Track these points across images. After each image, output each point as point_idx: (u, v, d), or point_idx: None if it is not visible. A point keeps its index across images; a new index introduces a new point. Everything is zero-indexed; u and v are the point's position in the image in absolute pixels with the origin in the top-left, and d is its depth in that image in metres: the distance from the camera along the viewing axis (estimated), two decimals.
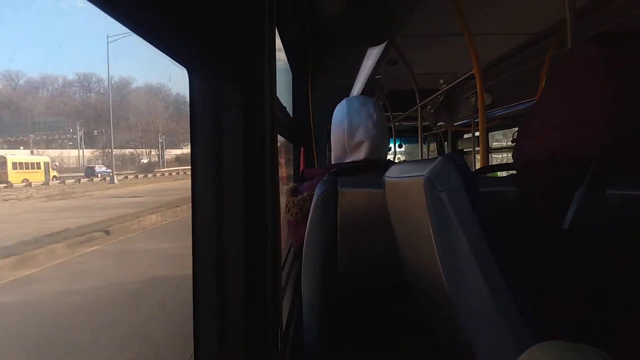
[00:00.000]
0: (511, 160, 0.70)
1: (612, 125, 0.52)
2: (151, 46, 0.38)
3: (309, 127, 2.18)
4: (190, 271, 0.43)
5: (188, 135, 0.45)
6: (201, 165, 0.44)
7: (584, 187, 0.50)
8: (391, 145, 5.77)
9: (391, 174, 0.76)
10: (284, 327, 0.98)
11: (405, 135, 6.05)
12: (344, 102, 1.34)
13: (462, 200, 0.53)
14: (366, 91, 3.73)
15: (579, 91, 0.56)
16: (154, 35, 0.37)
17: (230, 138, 0.44)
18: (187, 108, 0.45)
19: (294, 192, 1.26)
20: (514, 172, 0.73)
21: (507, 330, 0.48)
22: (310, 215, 1.03)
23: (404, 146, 6.42)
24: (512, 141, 0.70)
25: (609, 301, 0.51)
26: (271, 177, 0.47)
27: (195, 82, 0.44)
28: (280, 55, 1.90)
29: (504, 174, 1.07)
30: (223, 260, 0.43)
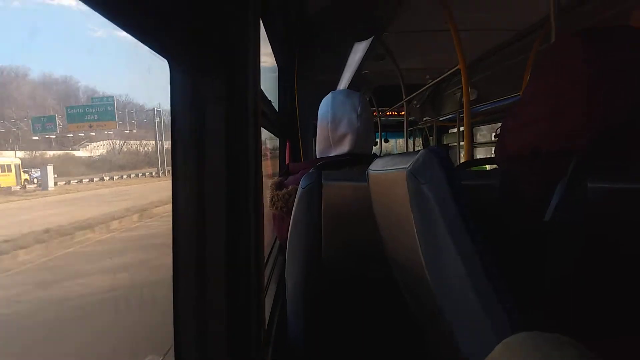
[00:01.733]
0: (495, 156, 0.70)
1: (593, 118, 0.53)
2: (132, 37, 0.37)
3: (295, 122, 2.16)
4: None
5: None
6: (182, 160, 0.43)
7: (566, 180, 0.51)
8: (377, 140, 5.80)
9: (375, 167, 0.76)
10: (267, 322, 0.97)
11: (391, 130, 6.08)
12: (329, 95, 1.34)
13: (444, 192, 0.53)
14: (353, 86, 3.73)
15: (562, 85, 0.56)
16: (134, 25, 0.35)
17: (212, 132, 0.42)
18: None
19: (279, 186, 1.25)
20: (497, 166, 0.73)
21: (487, 320, 0.48)
22: (294, 209, 1.02)
23: (390, 141, 6.45)
24: (495, 136, 0.70)
25: (589, 292, 0.52)
26: (255, 171, 0.46)
27: (176, 74, 0.43)
28: (266, 49, 1.88)
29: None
30: (204, 256, 0.42)
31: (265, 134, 1.99)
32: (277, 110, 2.09)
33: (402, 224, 0.61)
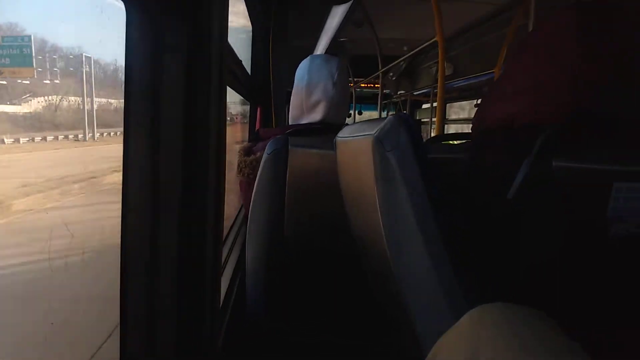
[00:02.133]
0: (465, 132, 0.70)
1: (573, 93, 0.52)
2: None
3: (268, 87, 2.09)
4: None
5: None
6: (135, 115, 0.38)
7: (531, 157, 0.50)
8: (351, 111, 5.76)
9: (343, 134, 0.73)
10: (223, 295, 0.94)
11: (365, 102, 6.05)
12: (307, 59, 1.28)
13: (409, 160, 0.52)
14: (329, 53, 3.65)
15: (545, 57, 0.55)
16: None
17: (171, 85, 0.38)
18: None
19: (247, 152, 1.20)
20: (467, 140, 0.73)
21: (442, 292, 0.48)
22: (258, 174, 0.99)
23: (364, 113, 6.43)
24: (476, 106, 0.69)
25: (549, 269, 0.52)
26: (217, 132, 0.42)
27: (133, 18, 0.38)
28: (240, 7, 1.78)
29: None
30: (157, 227, 0.38)
31: (235, 97, 1.92)
32: (250, 73, 2.01)
33: (366, 192, 0.59)
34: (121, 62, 0.39)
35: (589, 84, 0.51)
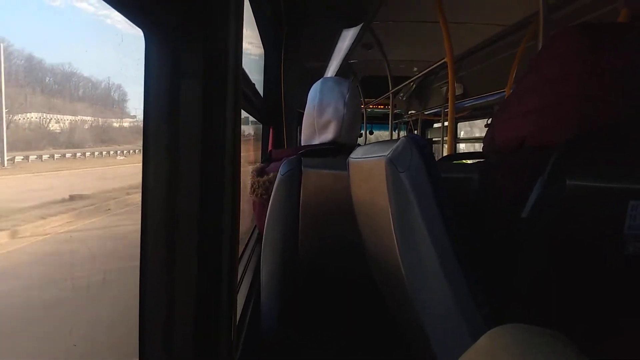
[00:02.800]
0: (477, 151, 0.70)
1: (582, 112, 0.52)
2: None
3: (280, 108, 2.12)
4: None
5: None
6: (154, 139, 0.39)
7: (545, 176, 0.51)
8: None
9: (355, 155, 0.74)
10: (239, 314, 0.94)
11: (377, 122, 6.08)
12: (319, 81, 1.31)
13: (421, 180, 0.52)
14: (340, 75, 3.69)
15: (554, 78, 0.56)
16: None
17: (187, 109, 0.39)
18: None
19: (260, 172, 1.22)
20: (480, 160, 0.73)
21: (459, 313, 0.48)
22: (272, 196, 0.99)
23: (375, 133, 6.45)
24: (486, 126, 0.70)
25: (566, 288, 0.52)
26: (232, 154, 0.43)
27: (151, 45, 0.40)
28: (252, 33, 1.83)
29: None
30: (174, 244, 0.39)
31: (249, 119, 1.95)
32: (262, 95, 2.05)
33: (380, 213, 0.59)
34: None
35: (596, 99, 0.51)
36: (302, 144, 1.33)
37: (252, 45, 2.04)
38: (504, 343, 0.33)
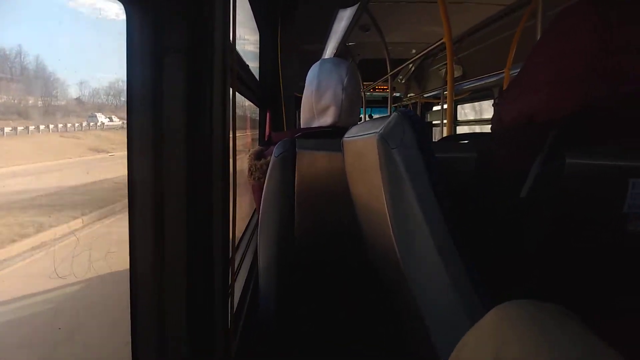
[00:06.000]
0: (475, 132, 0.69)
1: (591, 85, 0.50)
2: None
3: (277, 91, 2.09)
4: None
5: None
6: (137, 120, 0.38)
7: (544, 154, 0.49)
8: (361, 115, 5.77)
9: (349, 134, 0.73)
10: (237, 300, 0.94)
11: (376, 105, 6.04)
12: (317, 63, 1.28)
13: (414, 157, 0.51)
14: (337, 57, 3.65)
15: (564, 51, 0.54)
16: None
17: (172, 88, 0.38)
18: None
19: (257, 155, 1.20)
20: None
21: (455, 293, 0.47)
22: (267, 178, 0.98)
23: (374, 117, 6.41)
24: (494, 105, 0.69)
25: (563, 266, 0.51)
26: (222, 134, 0.41)
27: (132, 20, 0.38)
28: (246, 14, 1.79)
29: None
30: (163, 234, 0.38)
31: (245, 102, 1.93)
32: (259, 78, 2.02)
33: (373, 192, 0.58)
34: None
35: (604, 76, 0.50)
36: (302, 127, 1.31)
37: (246, 28, 2.01)
38: (510, 318, 0.33)
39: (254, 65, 1.99)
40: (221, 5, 0.41)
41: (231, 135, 0.47)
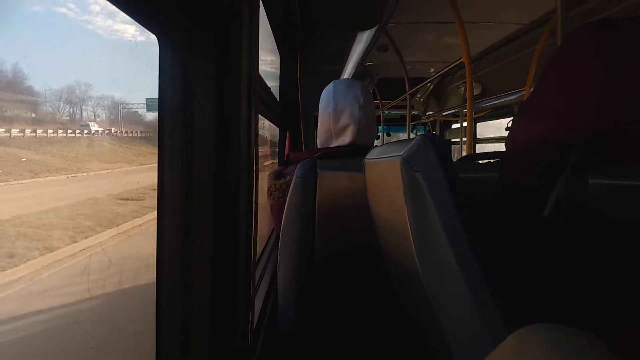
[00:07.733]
0: (496, 151, 0.70)
1: (603, 110, 0.51)
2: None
3: (297, 112, 2.13)
4: None
5: None
6: (169, 143, 0.40)
7: (566, 175, 0.49)
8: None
9: (371, 155, 0.74)
10: (257, 316, 0.95)
11: (394, 124, 6.04)
12: (331, 84, 1.31)
13: (438, 180, 0.51)
14: (356, 78, 3.69)
15: (575, 76, 0.54)
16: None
17: (202, 112, 0.40)
18: None
19: (277, 175, 1.22)
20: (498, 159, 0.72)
21: (478, 314, 0.47)
22: (288, 198, 1.00)
23: (392, 135, 6.41)
24: (507, 129, 0.69)
25: (589, 288, 0.51)
26: (247, 157, 0.43)
27: (165, 50, 0.41)
28: (268, 38, 1.84)
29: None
30: (191, 249, 0.40)
31: (266, 124, 1.97)
32: (279, 99, 2.06)
33: (396, 214, 0.59)
34: None
35: (616, 98, 0.50)
36: (319, 147, 1.33)
37: (267, 50, 2.06)
38: (532, 343, 0.33)
39: (273, 84, 2.04)
40: (247, 37, 0.44)
41: (254, 154, 0.49)
